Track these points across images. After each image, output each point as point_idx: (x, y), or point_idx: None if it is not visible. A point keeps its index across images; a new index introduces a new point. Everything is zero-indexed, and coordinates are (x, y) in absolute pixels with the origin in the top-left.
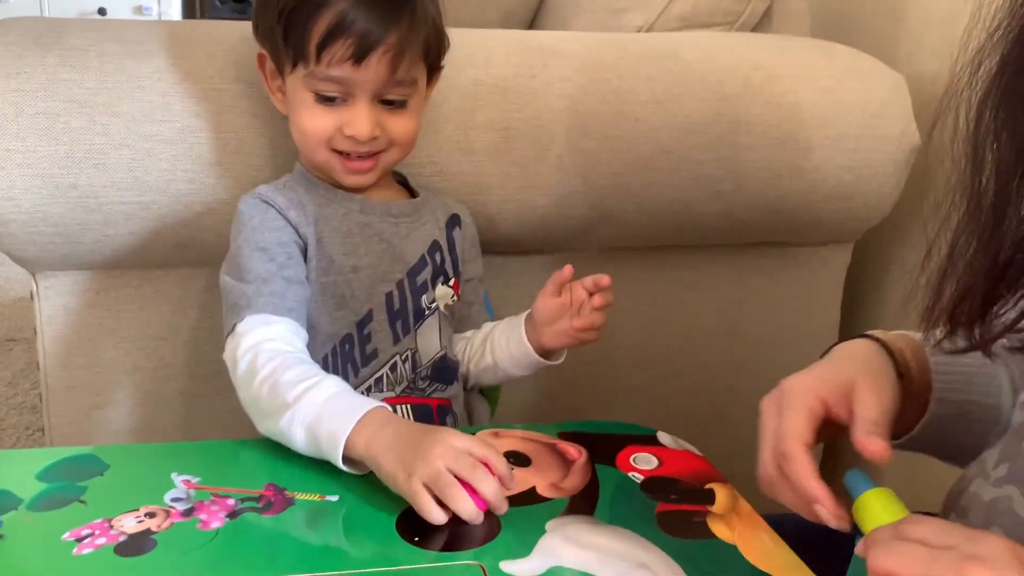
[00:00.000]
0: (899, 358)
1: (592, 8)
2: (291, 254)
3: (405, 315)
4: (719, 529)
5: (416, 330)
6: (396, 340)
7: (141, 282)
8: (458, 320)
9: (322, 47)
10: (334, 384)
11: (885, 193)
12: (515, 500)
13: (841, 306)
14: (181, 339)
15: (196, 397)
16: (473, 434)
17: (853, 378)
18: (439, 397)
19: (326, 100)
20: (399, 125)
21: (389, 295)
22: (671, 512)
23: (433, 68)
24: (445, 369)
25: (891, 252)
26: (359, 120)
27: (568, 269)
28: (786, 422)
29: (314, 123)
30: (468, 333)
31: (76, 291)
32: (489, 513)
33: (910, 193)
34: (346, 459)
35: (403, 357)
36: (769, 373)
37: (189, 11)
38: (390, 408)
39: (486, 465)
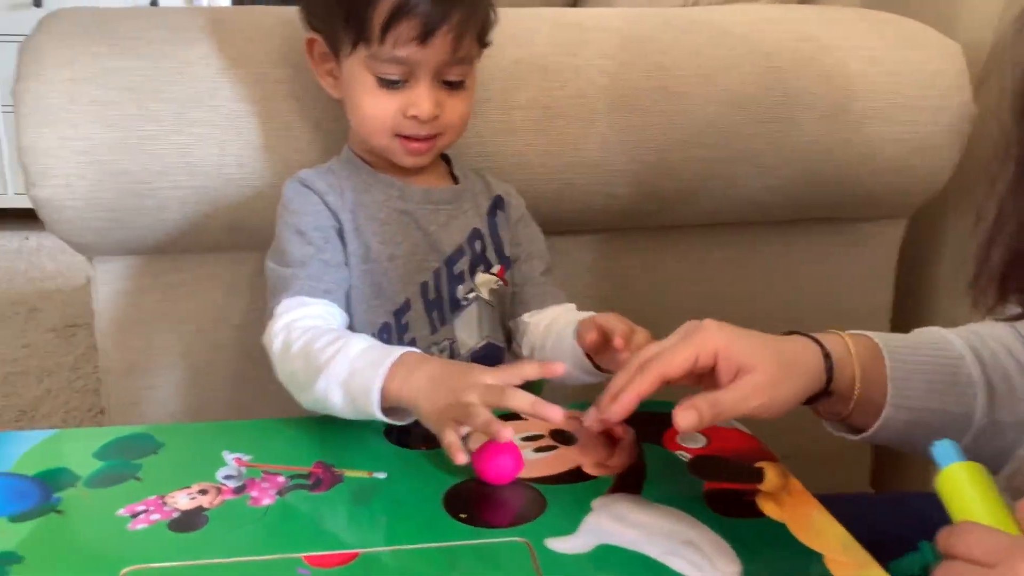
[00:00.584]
0: (836, 364)
1: None
2: (328, 237)
3: (441, 305)
4: (768, 508)
5: (453, 320)
6: (433, 330)
7: (193, 266)
8: (513, 303)
9: (387, 28)
10: (362, 340)
11: (940, 166)
12: (561, 479)
13: (894, 285)
14: (232, 322)
15: (247, 379)
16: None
17: (756, 365)
18: None
19: (388, 84)
20: (456, 107)
21: (424, 284)
22: (719, 491)
23: (483, 46)
24: (488, 358)
25: (947, 227)
26: (422, 99)
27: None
28: (676, 352)
29: (377, 107)
30: (526, 316)
31: (131, 275)
32: (535, 490)
33: (967, 166)
34: (388, 411)
35: (440, 347)
36: None
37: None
38: (419, 351)
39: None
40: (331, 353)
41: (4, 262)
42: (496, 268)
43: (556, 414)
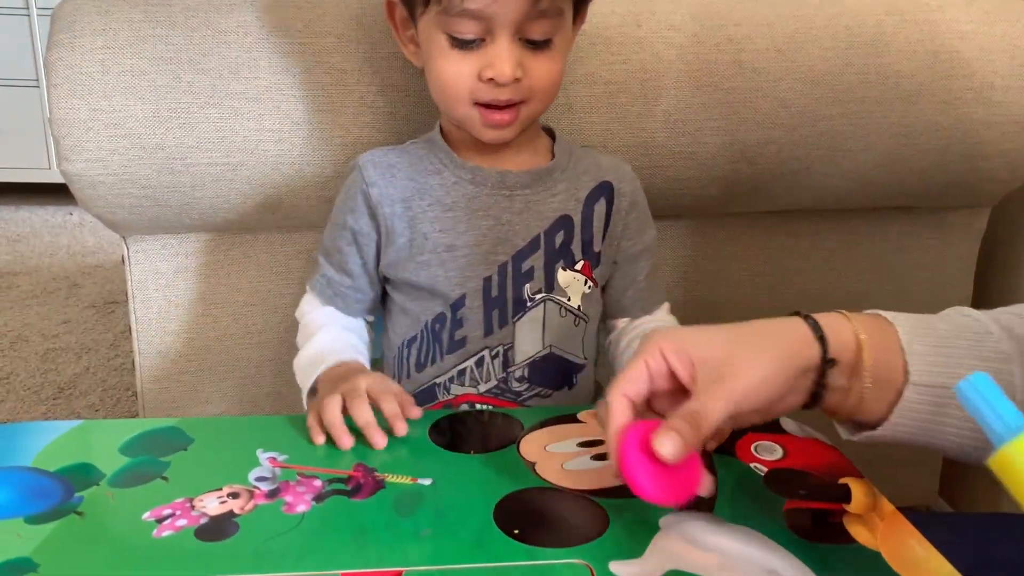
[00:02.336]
0: (834, 343)
1: None
2: (348, 244)
3: (503, 304)
4: (858, 532)
5: (515, 323)
6: (488, 331)
7: (230, 246)
8: (610, 303)
9: None
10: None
11: None
12: (624, 492)
13: (974, 278)
14: (270, 305)
15: (285, 364)
16: (575, 415)
17: (714, 352)
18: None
19: (463, 44)
20: (543, 68)
21: (487, 280)
22: (801, 510)
23: (580, 2)
24: (548, 371)
25: None
26: (500, 59)
27: None
28: (627, 368)
29: (451, 70)
30: (621, 323)
31: (166, 255)
32: (596, 504)
33: None
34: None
35: (493, 352)
36: None
37: None
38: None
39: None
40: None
41: (48, 237)
42: (580, 264)
43: (379, 442)
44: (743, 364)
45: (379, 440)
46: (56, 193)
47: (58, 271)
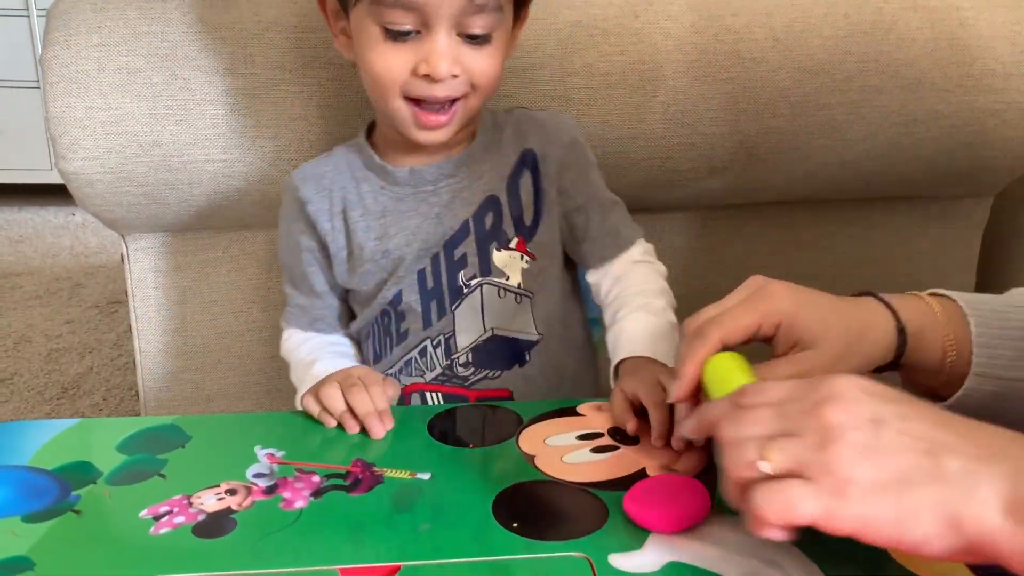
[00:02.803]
0: (915, 335)
1: None
2: (311, 261)
3: (440, 295)
4: None
5: (453, 311)
6: (427, 323)
7: (228, 243)
8: (581, 256)
9: None
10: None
11: None
12: (624, 483)
13: (977, 267)
14: (270, 302)
15: (285, 361)
16: (574, 408)
17: (818, 341)
18: (489, 388)
19: (397, 36)
20: (481, 63)
21: (422, 271)
22: None
23: (521, 2)
24: (494, 353)
25: None
26: (436, 54)
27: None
28: (737, 318)
29: (384, 63)
30: (590, 277)
31: (165, 253)
32: (596, 497)
33: None
34: None
35: (435, 342)
36: None
37: None
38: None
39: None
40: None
41: (50, 238)
42: (514, 241)
43: (378, 432)
44: (838, 367)
45: (379, 430)
46: (58, 194)
47: (61, 272)
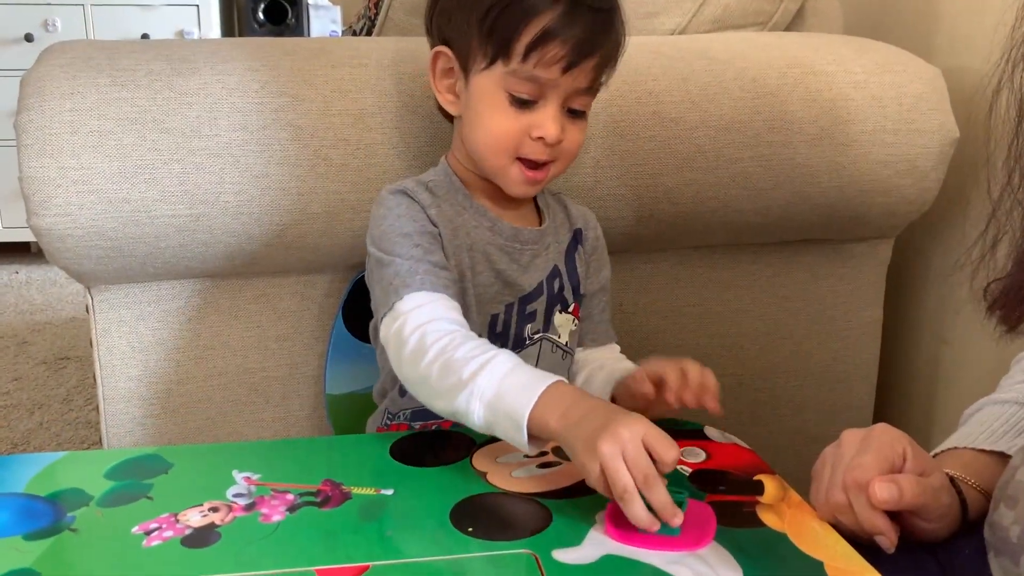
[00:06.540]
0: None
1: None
2: (433, 241)
3: (505, 341)
4: (769, 518)
5: None
6: None
7: (191, 293)
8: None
9: (534, 47)
10: (508, 358)
11: (924, 187)
12: (566, 493)
13: (884, 303)
14: (231, 348)
15: (246, 406)
16: None
17: (931, 465)
18: None
19: (519, 103)
20: (575, 136)
21: (495, 317)
22: (721, 502)
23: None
24: None
25: (933, 247)
26: (549, 122)
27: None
28: (867, 457)
29: (505, 124)
30: (579, 351)
31: (130, 304)
32: (540, 504)
33: (951, 187)
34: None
35: None
36: (811, 372)
37: (228, 35)
38: (566, 381)
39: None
40: (475, 368)
41: None
42: (572, 307)
43: (677, 522)
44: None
45: (677, 520)
46: (1, 252)
47: (6, 329)
